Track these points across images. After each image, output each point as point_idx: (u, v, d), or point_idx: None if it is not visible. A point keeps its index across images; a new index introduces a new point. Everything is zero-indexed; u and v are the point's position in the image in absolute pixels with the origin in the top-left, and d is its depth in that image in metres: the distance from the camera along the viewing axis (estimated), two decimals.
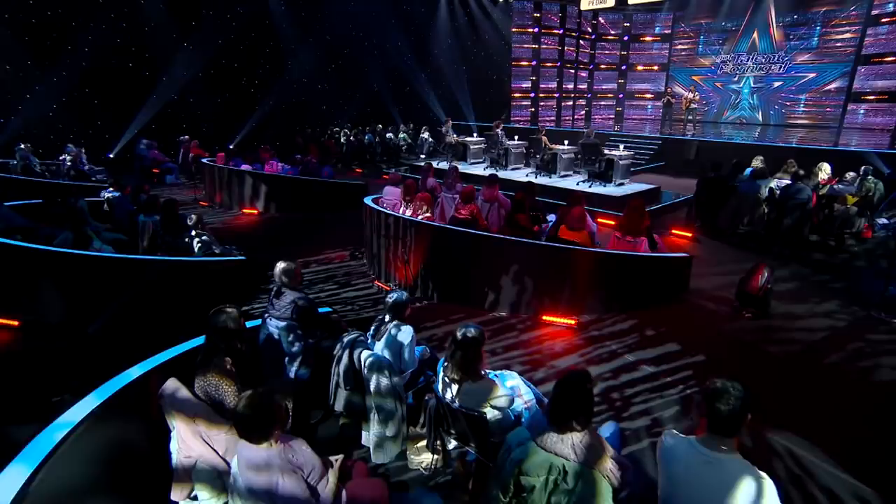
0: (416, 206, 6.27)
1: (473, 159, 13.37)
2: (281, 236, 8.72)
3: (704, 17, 20.21)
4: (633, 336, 5.22)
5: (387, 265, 6.42)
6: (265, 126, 16.33)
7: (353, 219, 9.70)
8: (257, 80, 16.45)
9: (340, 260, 7.39)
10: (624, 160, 10.47)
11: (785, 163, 9.39)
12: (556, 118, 21.23)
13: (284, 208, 9.94)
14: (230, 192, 10.10)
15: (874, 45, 16.93)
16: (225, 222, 9.44)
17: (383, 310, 3.46)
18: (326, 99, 18.02)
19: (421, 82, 19.54)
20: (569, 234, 5.68)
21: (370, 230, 6.72)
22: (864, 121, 17.41)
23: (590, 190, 10.26)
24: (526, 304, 5.60)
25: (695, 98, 16.11)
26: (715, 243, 8.20)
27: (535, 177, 11.38)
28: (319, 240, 8.44)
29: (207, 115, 15.29)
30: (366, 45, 18.46)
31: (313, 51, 17.10)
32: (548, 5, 19.75)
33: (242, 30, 15.52)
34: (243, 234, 8.87)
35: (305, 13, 16.89)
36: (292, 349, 3.66)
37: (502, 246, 5.59)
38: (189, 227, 5.85)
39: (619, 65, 22.34)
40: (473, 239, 5.69)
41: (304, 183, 10.08)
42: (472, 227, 6.52)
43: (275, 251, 7.62)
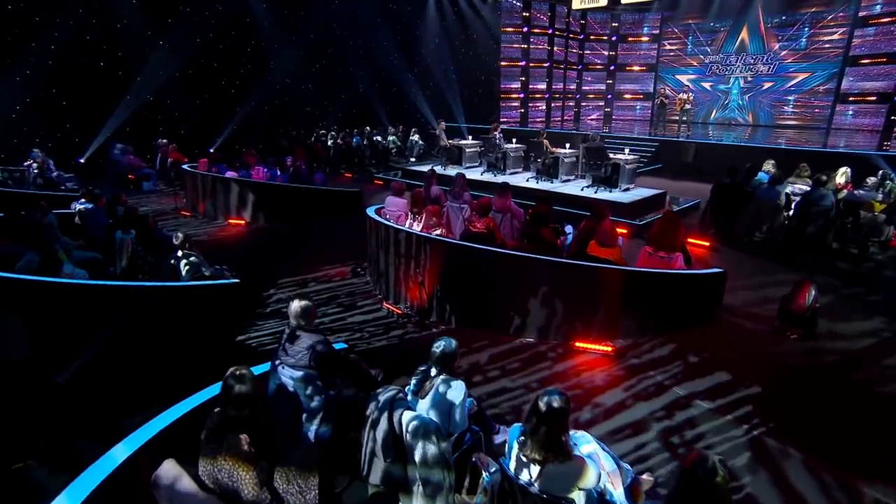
0: (426, 219, 5.68)
1: (469, 163, 12.80)
2: (272, 250, 8.03)
3: (693, 18, 19.99)
4: (676, 364, 4.72)
5: (396, 284, 5.82)
6: (247, 128, 15.51)
7: (349, 228, 9.10)
8: (238, 81, 15.62)
9: (341, 277, 6.75)
10: (630, 164, 10.03)
11: (797, 167, 9.06)
12: (546, 119, 20.80)
13: (274, 218, 9.23)
14: (214, 201, 9.35)
15: (862, 47, 16.89)
16: (210, 234, 8.70)
17: (429, 361, 2.86)
18: (311, 100, 17.26)
19: (408, 83, 18.89)
20: (600, 250, 5.15)
21: (376, 245, 6.11)
22: (852, 122, 17.38)
23: (595, 196, 9.79)
24: (555, 328, 5.06)
25: (689, 99, 15.82)
26: (734, 252, 7.78)
27: (536, 182, 10.88)
28: (315, 253, 7.78)
29: (186, 118, 14.43)
30: (351, 45, 17.74)
31: (296, 50, 16.33)
32: (537, 4, 19.30)
33: (222, 28, 14.69)
34: (230, 247, 8.16)
35: (288, 11, 16.11)
36: (311, 404, 3.04)
37: (528, 265, 5.04)
38: (175, 246, 5.16)
39: (607, 65, 22.02)
40: (495, 257, 5.12)
41: (295, 191, 9.38)
42: (488, 242, 5.96)
43: (268, 268, 6.99)
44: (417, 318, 5.45)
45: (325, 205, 9.55)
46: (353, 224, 9.17)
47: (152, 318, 4.56)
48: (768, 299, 6.10)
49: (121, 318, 4.36)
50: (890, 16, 16.13)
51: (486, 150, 11.78)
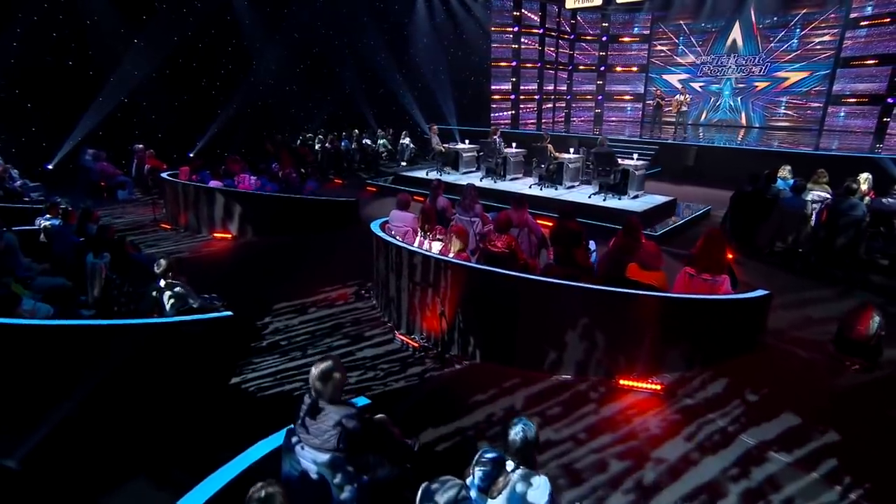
0: (453, 243, 5.04)
1: (466, 168, 12.19)
2: (264, 269, 7.29)
3: (684, 18, 19.68)
4: (734, 404, 4.16)
5: (410, 313, 5.17)
6: (229, 132, 14.65)
7: (346, 241, 8.42)
8: (219, 82, 14.76)
9: (344, 301, 6.06)
10: (639, 170, 9.52)
11: (815, 173, 8.62)
12: (537, 121, 20.27)
13: (263, 231, 8.49)
14: (197, 212, 8.56)
15: (853, 48, 16.74)
16: (193, 250, 7.92)
17: (506, 451, 2.21)
18: (295, 101, 16.45)
19: (397, 83, 18.19)
20: (642, 274, 4.57)
21: (385, 268, 5.44)
22: (844, 123, 17.24)
23: (604, 204, 9.26)
24: (595, 363, 4.47)
25: (686, 100, 15.44)
26: (760, 266, 7.30)
27: (540, 188, 10.31)
28: (311, 272, 7.07)
29: (164, 120, 13.54)
30: (336, 44, 16.99)
31: (280, 49, 15.52)
32: (528, 3, 18.74)
33: (201, 26, 13.82)
34: (217, 266, 7.40)
35: (271, 9, 15.29)
36: (342, 495, 2.39)
37: (563, 293, 4.43)
38: (157, 275, 4.43)
39: (597, 66, 21.61)
40: (524, 284, 4.51)
41: (286, 202, 8.63)
42: (510, 263, 5.35)
43: (260, 291, 6.26)
44: (436, 352, 4.81)
45: (318, 216, 8.83)
46: (350, 236, 8.55)
47: (131, 363, 3.84)
48: (812, 320, 5.63)
49: (94, 367, 3.64)
50: (881, 17, 15.99)
51: (486, 156, 11.17)
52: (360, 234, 8.58)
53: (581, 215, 9.02)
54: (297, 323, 5.47)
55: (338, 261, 7.50)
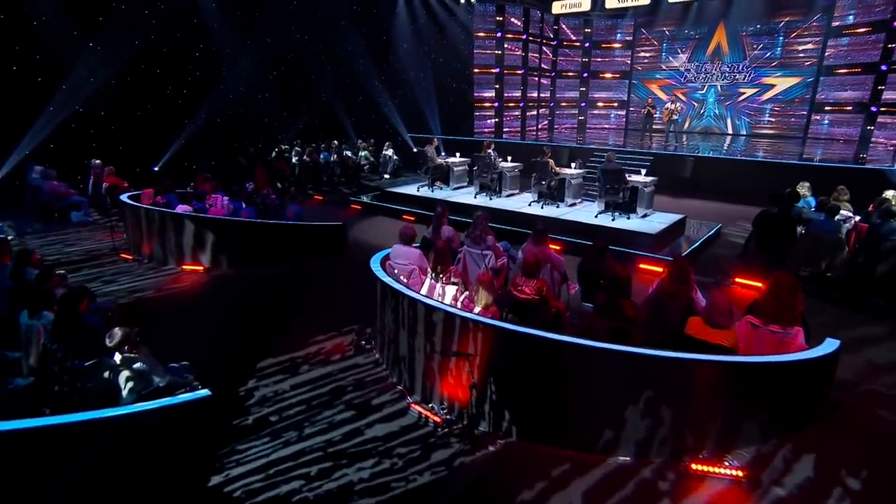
0: (481, 294, 4.17)
1: (457, 183, 11.34)
2: (242, 312, 6.27)
3: (667, 25, 19.31)
4: (836, 494, 3.40)
5: (426, 376, 4.28)
6: (198, 144, 13.45)
7: (335, 272, 7.46)
8: (186, 89, 13.54)
9: (341, 354, 5.12)
10: (648, 187, 8.84)
11: (835, 190, 8.09)
12: (521, 128, 19.60)
13: (240, 261, 7.45)
14: (164, 241, 7.47)
15: (836, 57, 16.60)
16: (159, 288, 6.83)
17: None
18: (269, 111, 15.31)
19: (377, 91, 17.23)
20: (709, 332, 3.79)
21: (393, 321, 4.54)
22: (828, 131, 17.07)
23: (612, 224, 8.53)
24: (659, 442, 3.66)
25: (676, 109, 14.95)
26: None
27: (541, 206, 9.54)
28: (298, 313, 6.11)
29: (125, 132, 12.29)
30: (312, 49, 15.92)
31: (252, 55, 14.40)
32: (511, 8, 18.05)
33: (165, 28, 12.61)
34: (186, 308, 6.34)
35: (241, 11, 14.16)
36: None
37: (616, 359, 3.61)
38: (110, 348, 3.43)
39: (581, 72, 21.07)
40: (568, 350, 3.67)
41: (266, 228, 7.60)
42: (540, 311, 4.53)
43: (240, 344, 5.26)
44: (463, 427, 3.94)
45: (303, 243, 7.84)
46: (339, 266, 7.62)
47: (75, 472, 2.87)
48: (878, 367, 4.97)
49: (20, 481, 2.65)
50: (863, 26, 15.87)
51: (480, 171, 10.34)
52: (349, 263, 7.70)
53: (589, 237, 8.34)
54: (288, 388, 4.52)
55: (328, 298, 6.55)
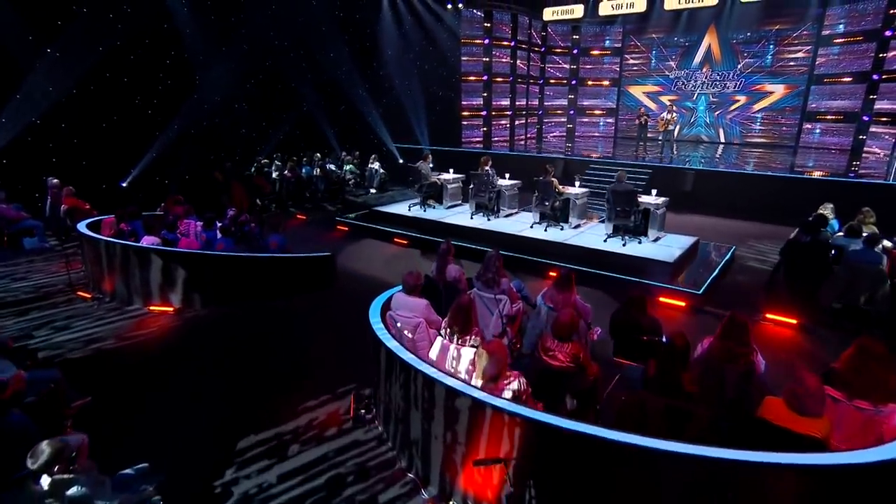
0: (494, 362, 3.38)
1: (451, 202, 10.58)
2: (219, 366, 5.41)
3: (657, 32, 18.88)
4: None
5: (445, 466, 3.50)
6: (170, 158, 12.45)
7: (322, 310, 6.64)
8: (156, 99, 12.53)
9: (337, 427, 4.31)
10: (660, 208, 8.20)
11: (860, 212, 7.55)
12: (510, 138, 18.94)
13: (216, 300, 6.58)
14: (127, 278, 6.55)
15: (826, 66, 16.34)
16: (120, 334, 5.91)
17: None
18: (246, 121, 14.36)
19: (361, 99, 16.40)
20: (797, 421, 3.08)
21: (401, 397, 3.75)
22: (819, 140, 16.80)
23: (623, 250, 7.87)
24: None
25: (672, 119, 14.43)
26: (828, 334, 6.05)
27: (545, 229, 8.84)
28: (284, 366, 5.28)
29: (88, 146, 11.25)
30: (292, 56, 15.03)
31: (228, 62, 13.44)
32: (499, 14, 17.38)
33: (133, 34, 11.61)
34: (153, 360, 5.45)
35: (216, 16, 13.21)
36: None
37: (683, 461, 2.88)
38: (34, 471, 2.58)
39: (569, 79, 20.52)
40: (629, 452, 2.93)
41: (244, 263, 6.72)
42: (577, 381, 3.80)
43: (214, 414, 4.39)
44: None
45: (286, 277, 6.99)
46: (327, 303, 6.80)
47: None
48: None
49: None
50: (853, 35, 15.63)
51: (477, 190, 9.60)
52: (340, 299, 6.89)
53: (598, 265, 7.68)
54: (274, 480, 3.69)
55: (318, 345, 5.73)
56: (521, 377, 3.44)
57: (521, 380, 3.41)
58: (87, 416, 4.20)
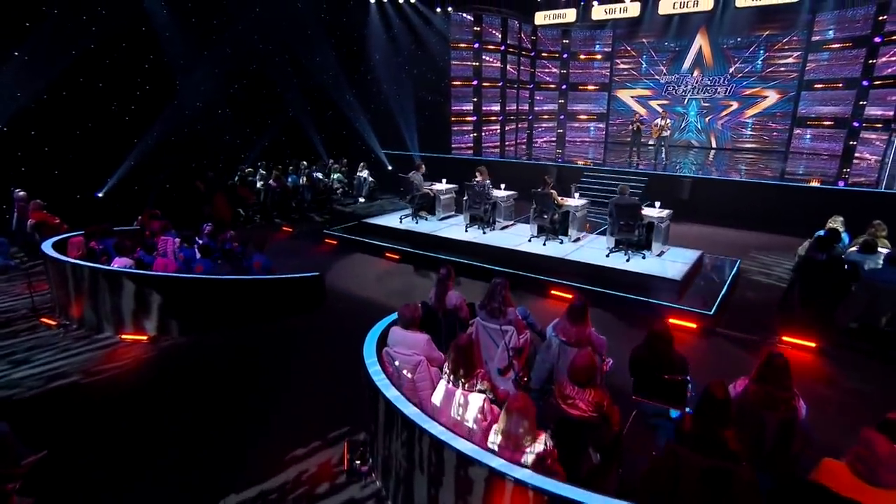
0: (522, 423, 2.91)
1: (445, 213, 10.10)
2: (196, 403, 4.87)
3: (647, 37, 18.62)
4: None
5: None
6: (149, 167, 11.82)
7: (310, 336, 6.13)
8: (134, 105, 11.89)
9: (330, 483, 3.80)
10: (664, 221, 7.82)
11: (870, 225, 7.23)
12: (500, 143, 18.52)
13: (193, 327, 6.03)
14: (97, 303, 5.98)
15: (816, 71, 16.20)
16: (87, 368, 5.34)
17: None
18: (230, 128, 13.76)
19: (348, 105, 15.87)
20: (868, 493, 2.66)
21: (404, 455, 3.27)
22: (811, 146, 16.65)
23: (627, 266, 7.47)
24: None
25: (666, 125, 14.13)
26: (847, 356, 5.70)
27: (543, 242, 8.41)
28: (269, 403, 4.77)
29: (60, 155, 10.60)
30: (277, 61, 14.47)
31: (210, 67, 12.85)
32: (489, 18, 16.96)
33: (108, 38, 10.98)
34: (123, 399, 4.89)
35: (197, 19, 12.61)
36: None
37: None
38: None
39: (559, 84, 20.18)
40: None
41: (226, 286, 6.18)
42: (601, 433, 3.35)
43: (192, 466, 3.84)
44: None
45: (271, 300, 6.46)
46: (315, 327, 6.30)
47: None
48: None
49: None
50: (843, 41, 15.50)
51: (472, 201, 9.14)
52: (329, 323, 6.38)
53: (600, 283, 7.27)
54: None
55: (306, 378, 5.22)
56: (546, 435, 2.98)
57: (546, 439, 2.96)
58: (41, 472, 3.65)
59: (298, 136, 15.14)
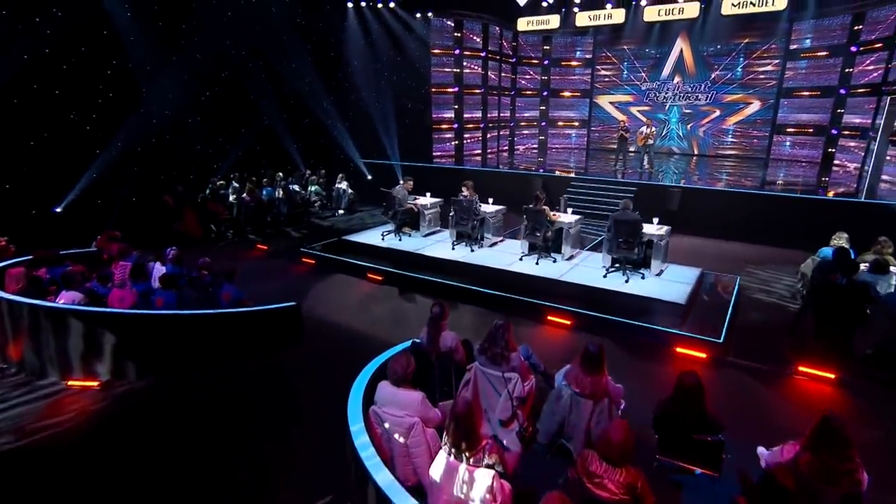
0: None
1: (429, 229, 9.45)
2: (151, 466, 4.13)
3: (628, 44, 18.29)
4: None
5: None
6: (113, 179, 10.91)
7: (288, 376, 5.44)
8: (96, 114, 10.97)
9: None
10: (664, 239, 7.31)
11: (876, 242, 6.84)
12: (482, 152, 17.97)
13: (154, 369, 5.26)
14: (39, 345, 5.17)
15: (794, 79, 16.08)
16: (20, 425, 4.54)
17: None
18: (201, 137, 12.88)
19: (326, 112, 15.12)
20: None
21: None
22: (790, 153, 16.51)
23: (627, 287, 6.93)
24: None
25: (651, 133, 13.74)
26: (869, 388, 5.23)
27: (536, 262, 7.83)
28: (238, 465, 4.06)
29: (10, 168, 9.67)
30: (251, 67, 13.65)
31: (179, 73, 11.99)
32: (469, 24, 16.40)
33: (65, 41, 10.08)
34: (63, 459, 4.12)
35: (164, 22, 11.74)
36: None
37: None
38: None
39: (540, 90, 19.73)
40: None
41: (190, 322, 5.41)
42: None
43: None
44: None
45: (242, 337, 5.72)
46: (293, 367, 5.58)
47: None
48: None
49: None
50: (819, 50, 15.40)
51: (458, 218, 8.52)
52: (307, 362, 5.69)
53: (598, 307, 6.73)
54: None
55: (281, 427, 4.52)
56: None
57: None
58: None
59: (274, 146, 14.34)
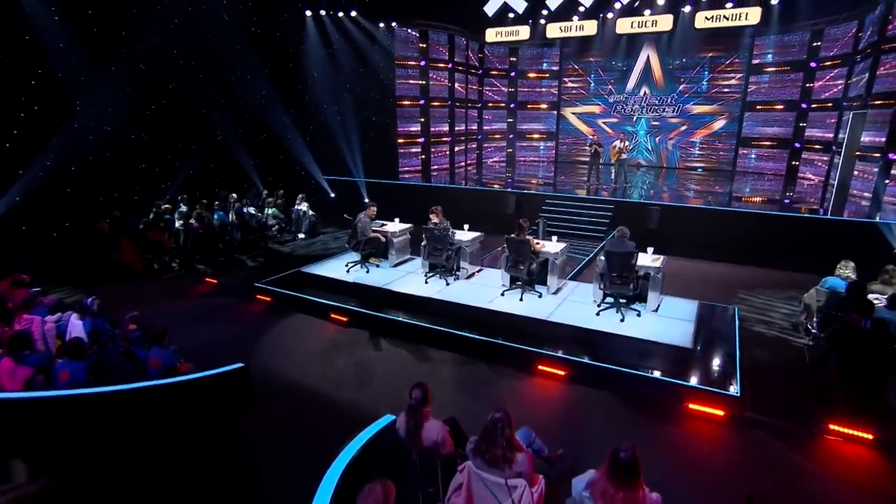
0: None
1: (399, 257, 8.42)
2: None
3: (594, 56, 17.80)
4: None
5: None
6: (37, 204, 9.43)
7: (233, 459, 4.31)
8: (18, 129, 9.47)
9: None
10: (660, 272, 6.53)
11: (882, 271, 6.26)
12: (450, 166, 17.06)
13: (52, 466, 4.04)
14: None
15: (757, 93, 15.93)
16: None
17: None
18: (144, 155, 11.47)
19: (284, 126, 13.91)
20: None
21: None
22: (755, 165, 16.32)
23: (623, 328, 6.10)
24: None
25: (625, 147, 13.15)
26: None
27: (520, 297, 6.92)
28: None
29: None
30: (202, 78, 12.34)
31: (119, 85, 10.60)
32: (435, 34, 15.50)
33: None
34: None
35: (99, 28, 10.35)
36: None
37: None
38: None
39: (507, 102, 19.01)
40: None
41: (108, 400, 4.21)
42: None
43: None
44: None
45: (174, 411, 4.55)
46: (238, 448, 4.45)
47: None
48: None
49: None
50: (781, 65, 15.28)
51: (431, 248, 7.53)
52: (258, 436, 4.58)
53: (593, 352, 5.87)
54: None
55: None
56: None
57: None
58: None
59: (228, 163, 13.03)
